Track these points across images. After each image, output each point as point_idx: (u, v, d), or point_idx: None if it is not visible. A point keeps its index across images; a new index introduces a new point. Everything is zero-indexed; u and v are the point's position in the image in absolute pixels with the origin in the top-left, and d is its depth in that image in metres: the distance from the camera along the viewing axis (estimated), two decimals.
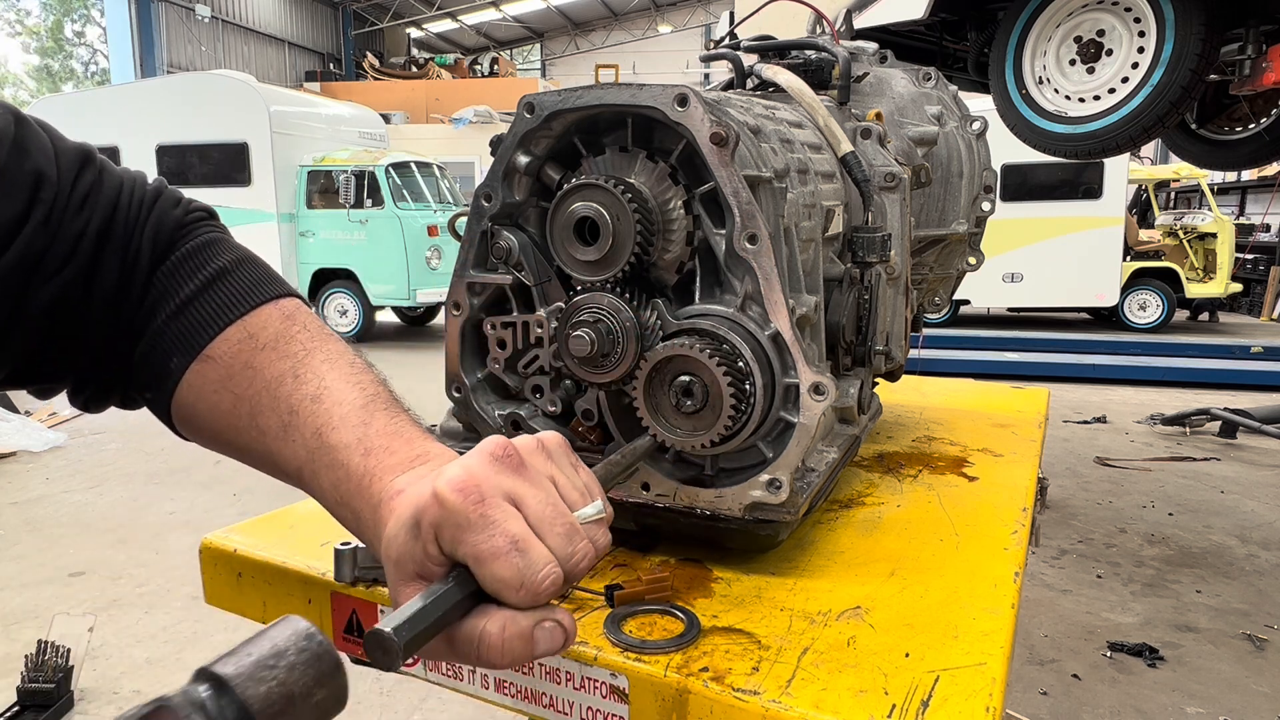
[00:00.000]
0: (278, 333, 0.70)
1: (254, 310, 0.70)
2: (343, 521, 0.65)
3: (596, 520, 0.58)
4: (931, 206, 1.52)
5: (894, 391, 1.88)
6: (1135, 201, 12.32)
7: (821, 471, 1.02)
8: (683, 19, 33.45)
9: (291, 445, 0.65)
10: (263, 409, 0.66)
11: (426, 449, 0.63)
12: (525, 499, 0.56)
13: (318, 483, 0.64)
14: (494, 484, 0.55)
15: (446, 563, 0.55)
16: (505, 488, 0.55)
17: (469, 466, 0.56)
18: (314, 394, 0.66)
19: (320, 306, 10.73)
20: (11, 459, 5.50)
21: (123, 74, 18.96)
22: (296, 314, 0.73)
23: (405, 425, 0.66)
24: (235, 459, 0.72)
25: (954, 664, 0.75)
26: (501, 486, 0.55)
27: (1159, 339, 9.72)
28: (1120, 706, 2.75)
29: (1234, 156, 4.12)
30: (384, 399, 0.69)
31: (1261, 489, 4.89)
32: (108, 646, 3.08)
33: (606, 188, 0.83)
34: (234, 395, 0.68)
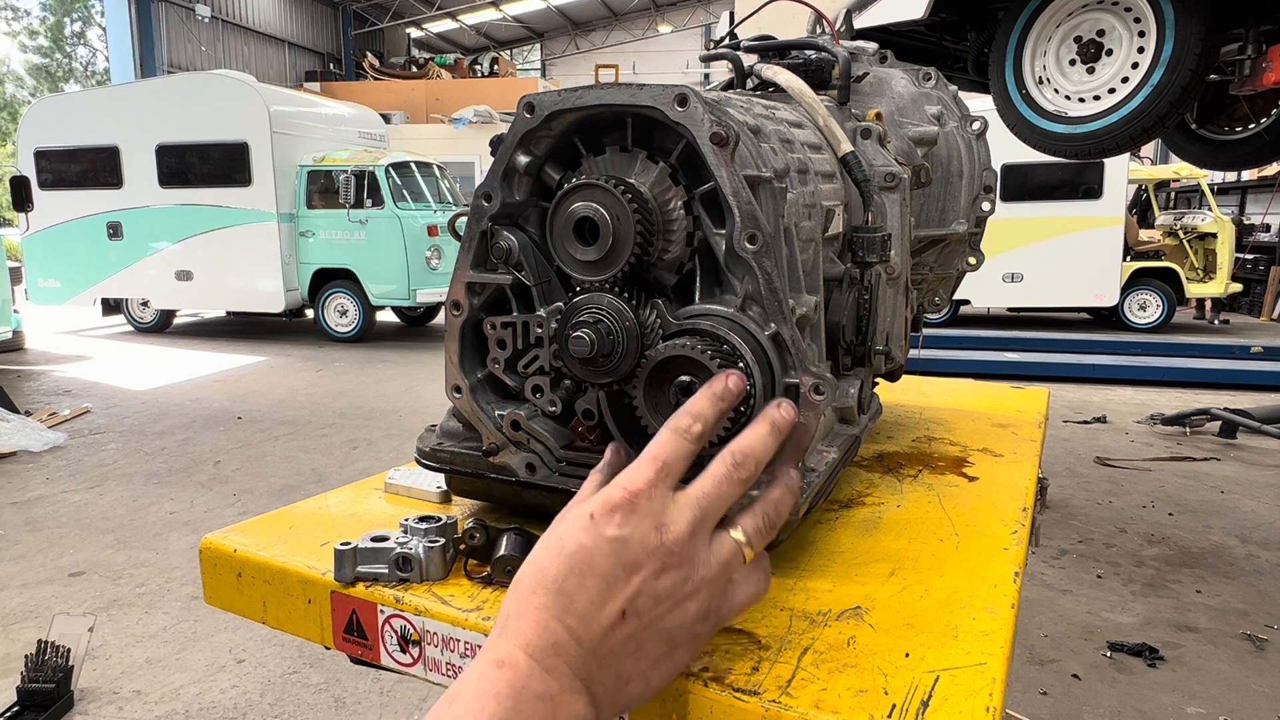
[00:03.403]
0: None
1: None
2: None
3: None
4: (931, 206, 1.52)
5: (894, 391, 1.88)
6: (1135, 201, 12.33)
7: (821, 471, 1.02)
8: (683, 19, 33.45)
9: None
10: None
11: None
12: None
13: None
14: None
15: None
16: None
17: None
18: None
19: (320, 306, 10.73)
20: (11, 459, 5.50)
21: (123, 74, 18.96)
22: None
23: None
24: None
25: (954, 664, 0.75)
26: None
27: (1159, 339, 9.72)
28: (1120, 706, 2.75)
29: (1234, 156, 4.12)
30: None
31: (1261, 489, 4.89)
32: (108, 646, 3.08)
33: (606, 188, 0.83)
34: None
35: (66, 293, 11.46)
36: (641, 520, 0.57)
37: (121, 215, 10.93)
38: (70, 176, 11.09)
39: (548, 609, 0.54)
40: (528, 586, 0.56)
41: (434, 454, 1.05)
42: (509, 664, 0.52)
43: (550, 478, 1.00)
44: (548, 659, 0.53)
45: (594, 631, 0.54)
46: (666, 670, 0.59)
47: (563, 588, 0.55)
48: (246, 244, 10.48)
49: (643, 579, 0.56)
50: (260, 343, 10.73)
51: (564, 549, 0.56)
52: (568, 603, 0.54)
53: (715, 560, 0.59)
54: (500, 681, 0.52)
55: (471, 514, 1.11)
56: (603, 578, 0.55)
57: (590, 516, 0.57)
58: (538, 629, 0.54)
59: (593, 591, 0.55)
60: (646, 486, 0.58)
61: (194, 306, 11.58)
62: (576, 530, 0.57)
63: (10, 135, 26.00)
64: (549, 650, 0.53)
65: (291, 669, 2.92)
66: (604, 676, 0.55)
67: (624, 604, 0.55)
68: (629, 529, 0.56)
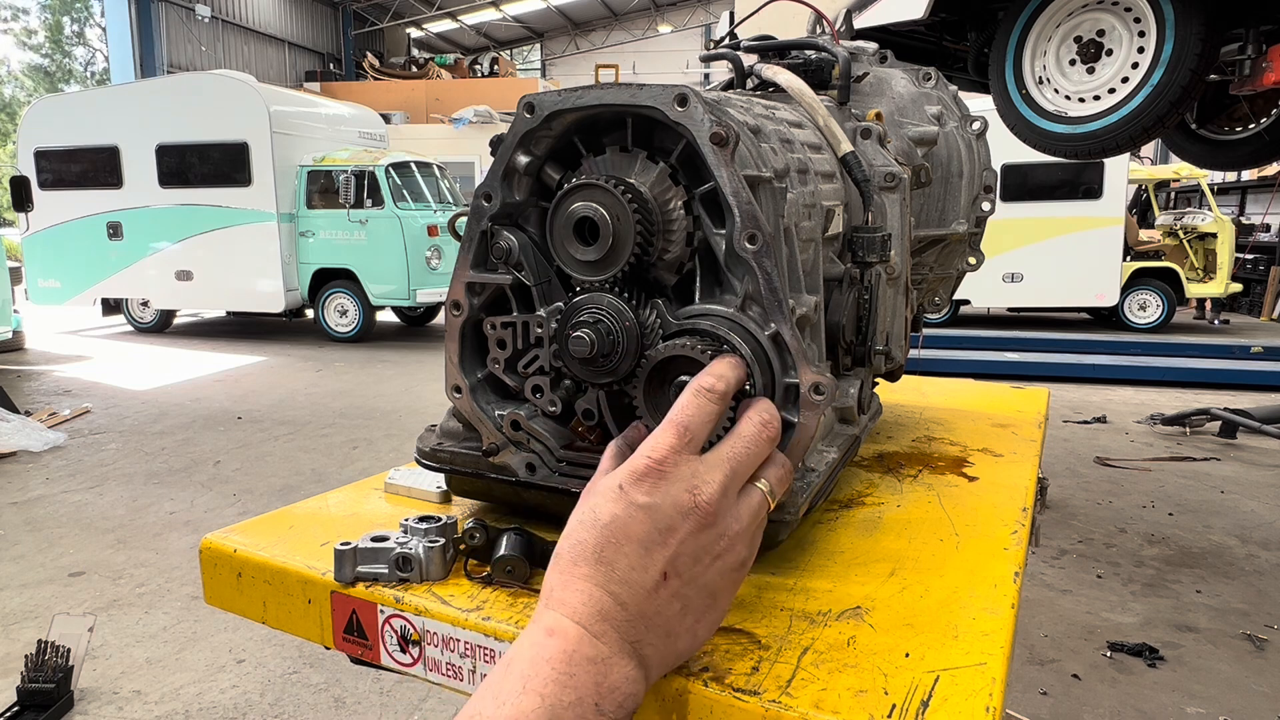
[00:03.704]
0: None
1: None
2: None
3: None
4: (931, 206, 1.52)
5: (894, 391, 1.88)
6: (1135, 201, 12.33)
7: (821, 471, 1.02)
8: (683, 19, 33.45)
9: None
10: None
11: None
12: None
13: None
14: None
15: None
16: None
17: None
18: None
19: (320, 306, 10.73)
20: (11, 459, 5.50)
21: (123, 74, 18.96)
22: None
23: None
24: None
25: (954, 664, 0.75)
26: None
27: (1159, 339, 9.72)
28: (1120, 706, 2.75)
29: (1234, 156, 4.12)
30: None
31: (1261, 489, 4.89)
32: (108, 646, 3.08)
33: (606, 188, 0.83)
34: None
35: (66, 293, 11.46)
36: (671, 485, 0.58)
37: (121, 215, 10.93)
38: (70, 176, 11.09)
39: (590, 578, 0.56)
40: (568, 559, 0.57)
41: (434, 454, 1.05)
42: (559, 632, 0.54)
43: (550, 478, 1.00)
44: (595, 625, 0.55)
45: (638, 595, 0.56)
46: (711, 622, 0.61)
47: (602, 556, 0.56)
48: (246, 244, 10.48)
49: (680, 540, 0.57)
50: (260, 343, 10.73)
51: (598, 520, 0.57)
52: (609, 570, 0.56)
53: (746, 513, 0.61)
54: (552, 648, 0.53)
55: (471, 514, 1.11)
56: (640, 543, 0.56)
57: (619, 487, 0.58)
58: (583, 598, 0.55)
59: (632, 557, 0.56)
60: (671, 453, 0.59)
61: (194, 306, 11.58)
62: (608, 502, 0.58)
63: (10, 136, 26.00)
64: (596, 617, 0.55)
65: (291, 669, 2.92)
66: (652, 637, 0.57)
67: (665, 566, 0.56)
68: (659, 495, 0.57)
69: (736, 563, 0.60)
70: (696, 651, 0.62)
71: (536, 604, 0.59)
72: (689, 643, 0.60)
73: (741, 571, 0.61)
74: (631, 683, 0.55)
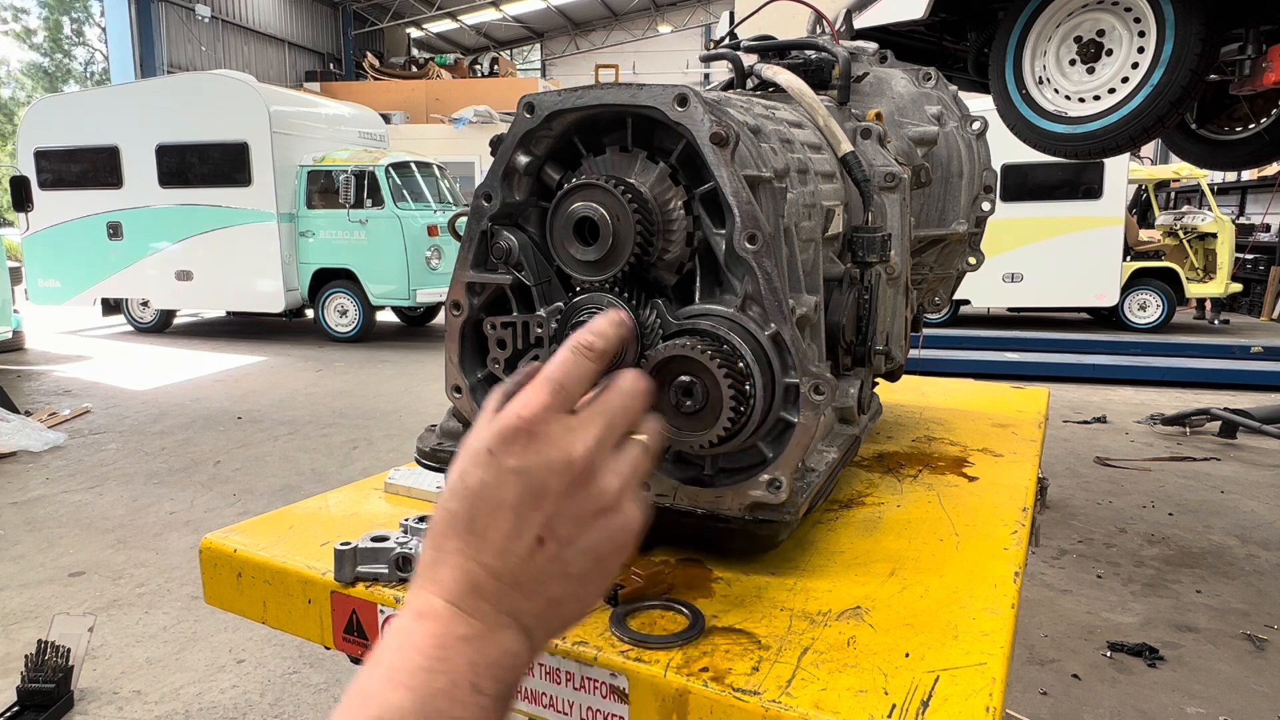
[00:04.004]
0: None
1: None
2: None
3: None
4: (931, 206, 1.52)
5: (894, 391, 1.88)
6: (1135, 201, 12.33)
7: (821, 471, 1.02)
8: (683, 19, 33.45)
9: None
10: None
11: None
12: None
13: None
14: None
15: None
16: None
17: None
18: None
19: (320, 306, 10.73)
20: (11, 459, 5.50)
21: (123, 74, 18.96)
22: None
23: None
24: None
25: (954, 664, 0.75)
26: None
27: (1159, 339, 9.72)
28: (1120, 706, 2.75)
29: (1234, 156, 4.12)
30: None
31: (1261, 489, 4.89)
32: (108, 646, 3.08)
33: (606, 188, 0.83)
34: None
35: (66, 293, 11.46)
36: (542, 445, 0.55)
37: (121, 215, 10.93)
38: (70, 176, 11.09)
39: (461, 551, 0.53)
40: (440, 532, 0.55)
41: (434, 454, 1.05)
42: (429, 614, 0.52)
43: None
44: (468, 600, 0.52)
45: (513, 564, 0.53)
46: (598, 584, 0.57)
47: (473, 527, 0.53)
48: (246, 244, 10.48)
49: (554, 502, 0.54)
50: (260, 343, 10.73)
51: (468, 489, 0.55)
52: (480, 541, 0.53)
53: (626, 467, 0.57)
54: (421, 634, 0.51)
55: None
56: (512, 510, 0.53)
57: (489, 451, 0.55)
58: (455, 574, 0.53)
59: (505, 525, 0.53)
60: (543, 411, 0.56)
61: (194, 306, 11.58)
62: (477, 467, 0.55)
63: (10, 136, 26.00)
64: (468, 592, 0.53)
65: (291, 669, 2.92)
66: (532, 605, 0.54)
67: (540, 531, 0.54)
68: (530, 457, 0.54)
69: (620, 522, 0.57)
70: (587, 616, 0.59)
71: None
72: (575, 608, 0.57)
73: (628, 531, 0.57)
74: (511, 655, 0.53)
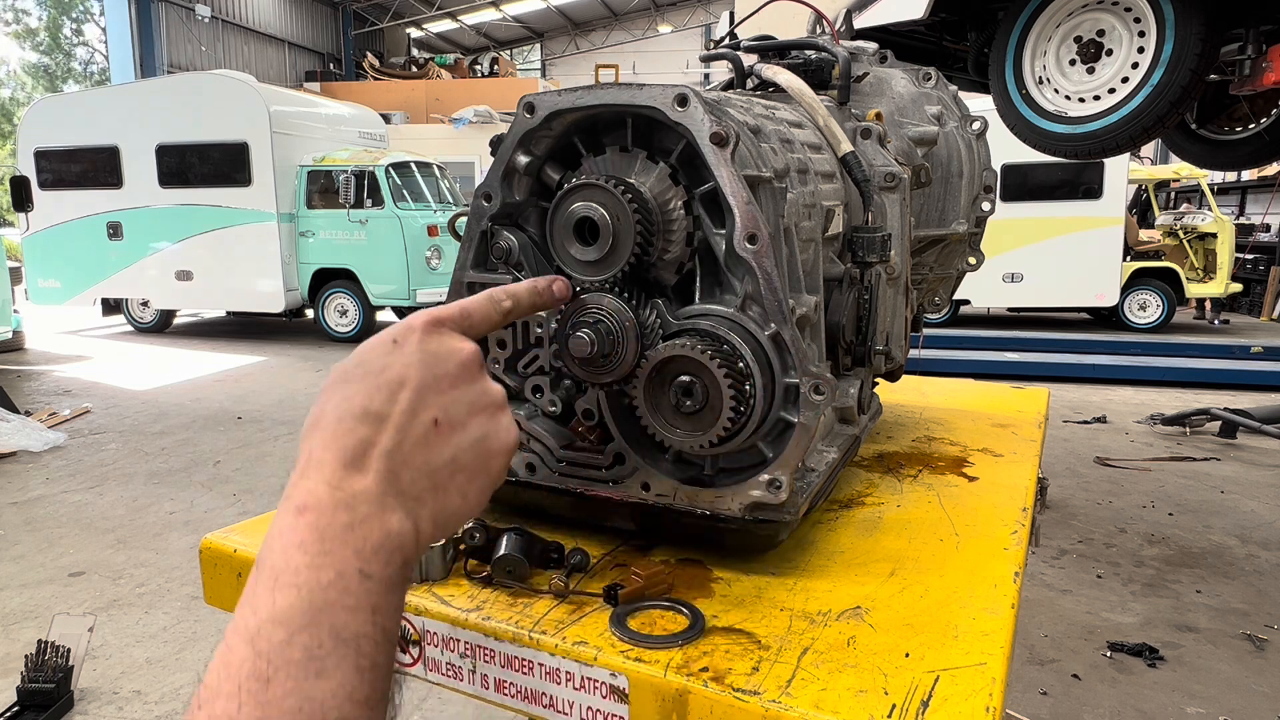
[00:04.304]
0: None
1: None
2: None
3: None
4: (931, 206, 1.52)
5: (894, 391, 1.88)
6: (1135, 201, 12.32)
7: (821, 471, 1.02)
8: (683, 19, 33.44)
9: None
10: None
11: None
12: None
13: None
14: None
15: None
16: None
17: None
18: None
19: (320, 306, 10.73)
20: (11, 459, 5.50)
21: (123, 74, 18.96)
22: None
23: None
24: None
25: (954, 664, 0.75)
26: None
27: (1159, 339, 9.72)
28: (1120, 706, 2.75)
29: (1234, 156, 4.12)
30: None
31: (1261, 489, 4.89)
32: (108, 646, 3.08)
33: (606, 188, 0.83)
34: None
35: (66, 293, 11.46)
36: (445, 336, 0.57)
37: (121, 215, 10.93)
38: (70, 176, 11.09)
39: (353, 432, 0.51)
40: (333, 416, 0.52)
41: None
42: (310, 506, 0.49)
43: (550, 478, 1.00)
44: (350, 479, 0.50)
45: (403, 439, 0.52)
46: (481, 486, 0.57)
47: (370, 408, 0.52)
48: (246, 244, 10.48)
49: (451, 386, 0.55)
50: (260, 343, 10.73)
51: (369, 370, 0.54)
52: (378, 420, 0.52)
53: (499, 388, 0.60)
54: (302, 529, 0.48)
55: None
56: (414, 390, 0.53)
57: (394, 341, 0.55)
58: (342, 455, 0.50)
59: (403, 403, 0.53)
60: (447, 316, 0.58)
61: (194, 306, 11.58)
62: (379, 355, 0.55)
63: (10, 136, 26.00)
64: (350, 465, 0.50)
65: None
66: (420, 487, 0.53)
67: (436, 413, 0.54)
68: (435, 343, 0.56)
69: (505, 424, 0.58)
70: (468, 518, 0.58)
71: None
72: (459, 503, 0.56)
73: (510, 436, 0.58)
74: (398, 536, 0.50)
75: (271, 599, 0.45)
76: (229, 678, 0.43)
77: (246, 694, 0.42)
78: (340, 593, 0.46)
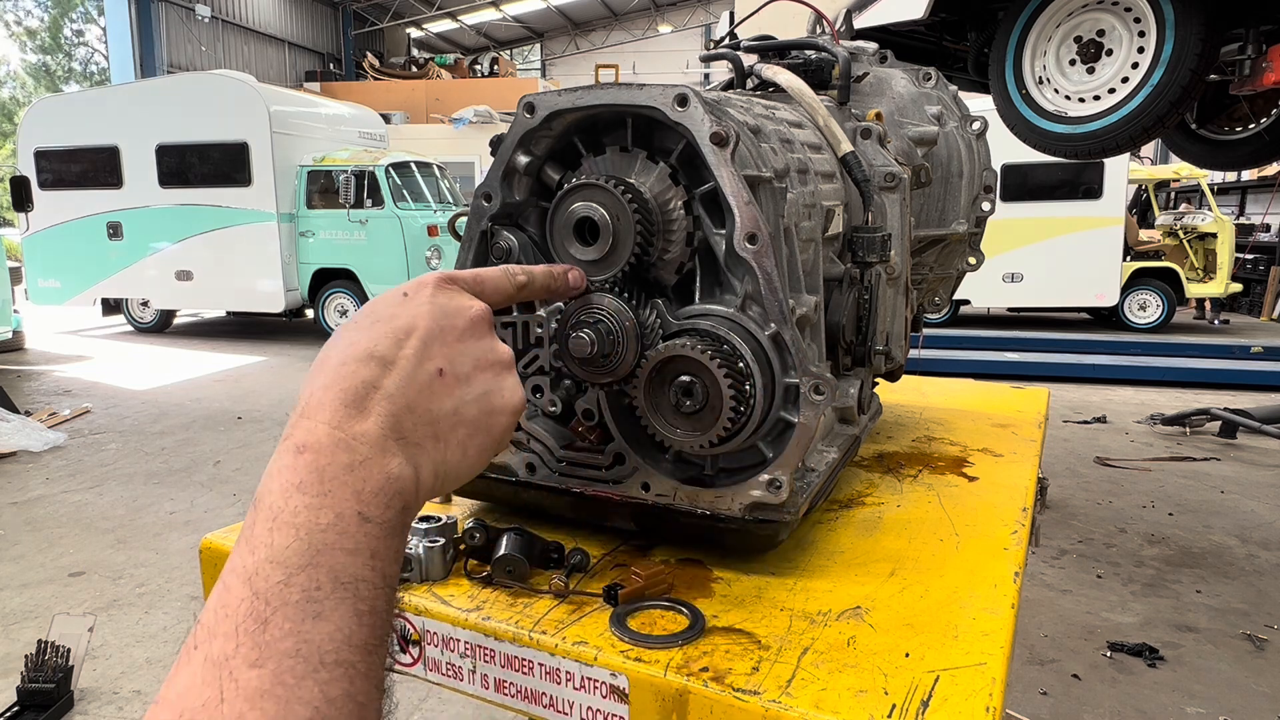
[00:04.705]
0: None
1: None
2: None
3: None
4: (931, 206, 1.52)
5: (894, 391, 1.88)
6: (1135, 201, 12.32)
7: (821, 471, 1.02)
8: (683, 19, 33.44)
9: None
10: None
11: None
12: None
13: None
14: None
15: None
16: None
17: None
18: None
19: (320, 306, 10.73)
20: (11, 459, 5.50)
21: (123, 74, 18.95)
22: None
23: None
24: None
25: (954, 664, 0.75)
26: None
27: (1159, 339, 9.72)
28: (1120, 706, 2.75)
29: (1234, 156, 4.12)
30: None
31: (1261, 489, 4.89)
32: (108, 646, 3.08)
33: (606, 188, 0.83)
34: None
35: (66, 293, 11.46)
36: (456, 293, 0.58)
37: (121, 215, 10.93)
38: (70, 176, 11.08)
39: (356, 374, 0.51)
40: (337, 359, 0.52)
41: None
42: (310, 446, 0.48)
43: (550, 478, 1.00)
44: (352, 421, 0.49)
45: (412, 388, 0.52)
46: (481, 445, 0.57)
47: (375, 352, 0.52)
48: (246, 244, 10.47)
49: (458, 339, 0.56)
50: (260, 343, 10.73)
51: (378, 318, 0.54)
52: (383, 364, 0.52)
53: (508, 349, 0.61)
54: (302, 469, 0.47)
55: (471, 514, 1.11)
56: (420, 338, 0.54)
57: (404, 294, 0.56)
58: (344, 396, 0.50)
59: (411, 351, 0.53)
60: (460, 278, 0.59)
61: (194, 306, 11.58)
62: (389, 305, 0.55)
63: (10, 136, 26.00)
64: (353, 407, 0.50)
65: None
66: (421, 434, 0.52)
67: (441, 363, 0.54)
68: (445, 297, 0.57)
69: (510, 384, 0.58)
70: (468, 477, 0.57)
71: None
72: (459, 457, 0.55)
73: (516, 396, 0.59)
74: (398, 480, 0.49)
75: (270, 538, 0.44)
76: (226, 618, 0.42)
77: (244, 634, 0.41)
78: (339, 535, 0.45)
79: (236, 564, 0.44)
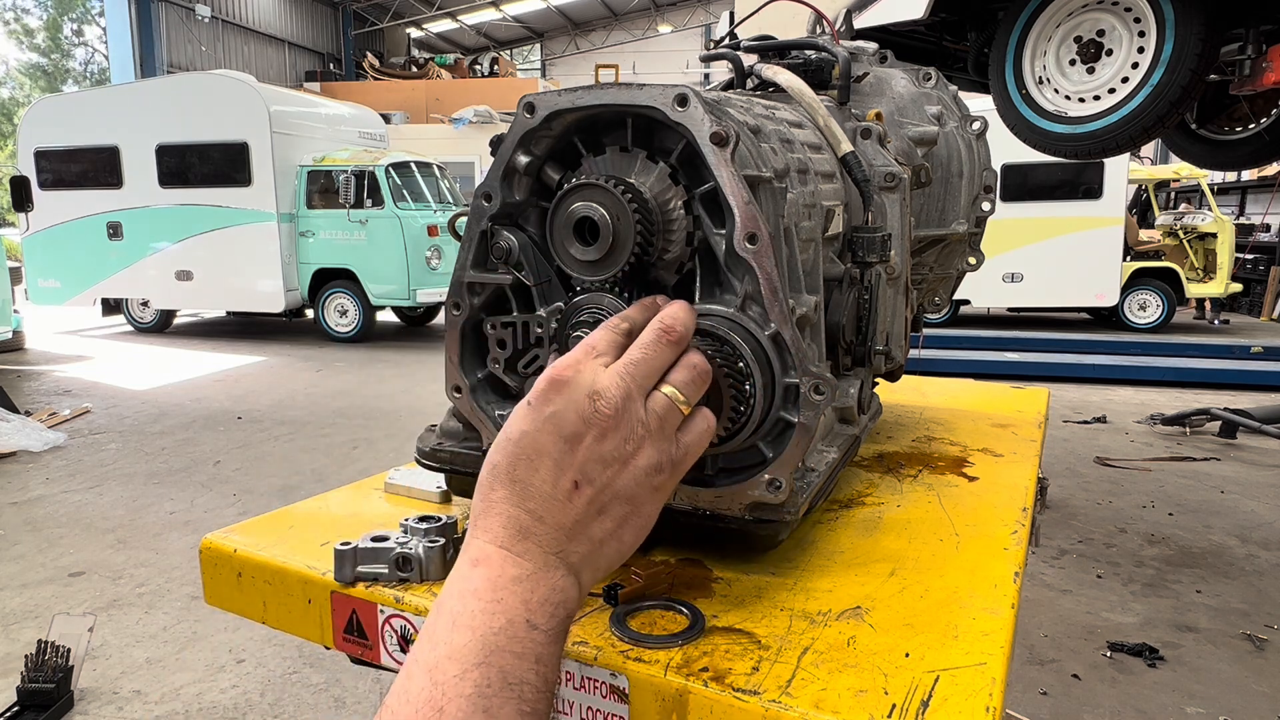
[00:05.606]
0: None
1: None
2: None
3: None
4: (931, 206, 1.52)
5: (894, 391, 1.88)
6: (1135, 201, 12.33)
7: (821, 471, 1.02)
8: (683, 19, 33.45)
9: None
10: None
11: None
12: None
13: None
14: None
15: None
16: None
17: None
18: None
19: (320, 306, 10.73)
20: (11, 459, 5.50)
21: (123, 74, 18.97)
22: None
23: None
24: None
25: (954, 664, 0.75)
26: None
27: (1159, 339, 9.72)
28: (1120, 706, 2.75)
29: (1234, 156, 4.12)
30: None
31: (1261, 489, 4.89)
32: (108, 646, 3.08)
33: (606, 188, 0.83)
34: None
35: (66, 293, 11.46)
36: (573, 393, 0.60)
37: (121, 215, 10.93)
38: (70, 176, 11.09)
39: (507, 500, 0.57)
40: (486, 484, 0.59)
41: (434, 454, 1.05)
42: (483, 559, 0.55)
43: None
44: (517, 544, 0.56)
45: (554, 508, 0.58)
46: (636, 528, 0.62)
47: (515, 476, 0.58)
48: (246, 244, 10.48)
49: (586, 447, 0.59)
50: (260, 343, 10.73)
51: (510, 439, 0.59)
52: (524, 489, 0.58)
53: (652, 417, 0.63)
54: (478, 578, 0.54)
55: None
56: (549, 456, 0.58)
57: (528, 404, 0.60)
58: (503, 520, 0.57)
59: (543, 471, 0.58)
60: (574, 364, 0.62)
61: (194, 306, 11.58)
62: (518, 420, 0.60)
63: (10, 136, 25.98)
64: (516, 536, 0.56)
65: (291, 669, 2.92)
66: (576, 546, 0.58)
67: (575, 475, 0.58)
68: (561, 403, 0.59)
69: (650, 466, 0.62)
70: (626, 557, 0.63)
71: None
72: (615, 548, 0.61)
73: (659, 476, 0.62)
74: (561, 591, 0.56)
75: (450, 637, 0.51)
76: (408, 703, 0.48)
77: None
78: (509, 639, 0.52)
79: (419, 655, 0.51)
